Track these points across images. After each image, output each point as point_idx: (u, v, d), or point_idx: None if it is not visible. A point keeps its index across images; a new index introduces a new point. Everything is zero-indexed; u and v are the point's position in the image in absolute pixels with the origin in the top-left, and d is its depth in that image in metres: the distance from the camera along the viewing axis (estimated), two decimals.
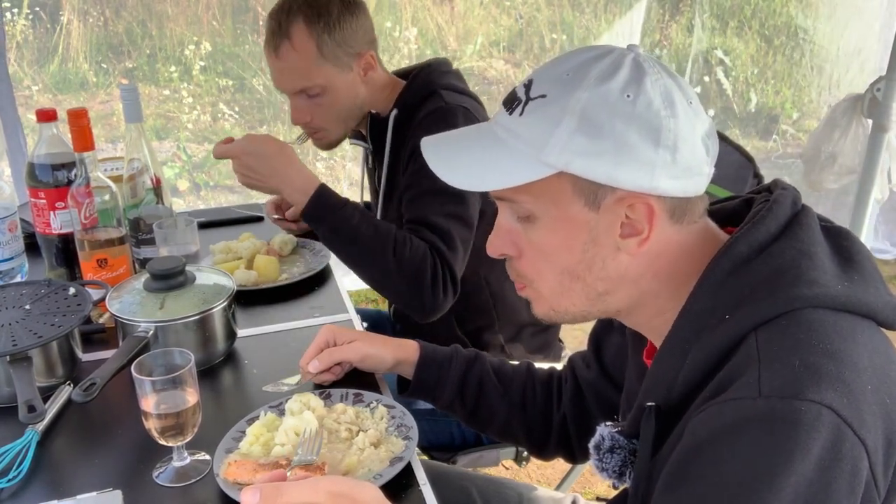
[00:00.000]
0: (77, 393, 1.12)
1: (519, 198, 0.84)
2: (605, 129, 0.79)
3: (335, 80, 1.60)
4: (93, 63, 3.07)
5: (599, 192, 0.81)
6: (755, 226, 0.81)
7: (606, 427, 0.92)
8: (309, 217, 1.52)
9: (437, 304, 1.49)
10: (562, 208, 0.83)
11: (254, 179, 1.51)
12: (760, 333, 0.75)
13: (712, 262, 0.81)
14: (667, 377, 0.81)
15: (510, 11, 3.42)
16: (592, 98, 0.79)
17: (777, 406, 0.69)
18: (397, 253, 1.46)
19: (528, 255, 0.88)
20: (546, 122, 0.80)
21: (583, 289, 0.86)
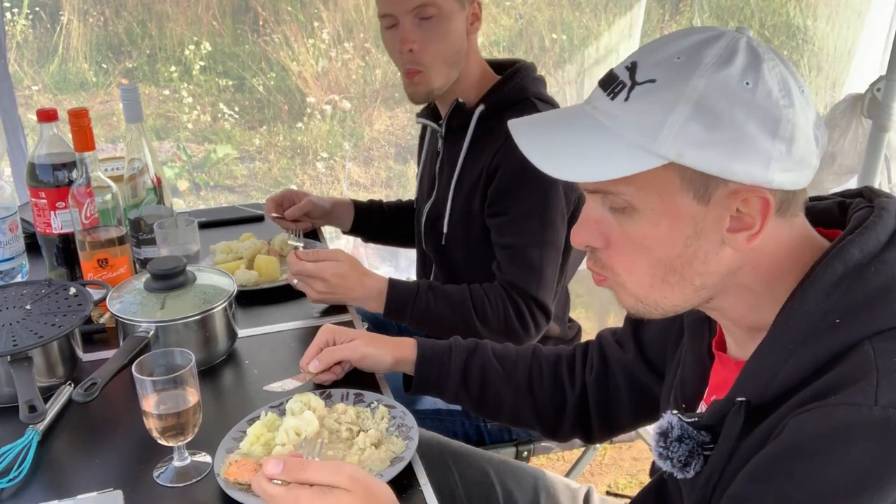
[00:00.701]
0: (78, 393, 1.12)
1: (619, 189, 0.79)
2: (724, 119, 0.74)
3: (450, 9, 1.55)
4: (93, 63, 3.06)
5: (711, 184, 0.77)
6: (867, 231, 0.79)
7: (674, 415, 0.89)
8: (391, 316, 1.55)
9: (530, 337, 1.57)
10: (667, 200, 0.78)
11: (334, 296, 1.49)
12: (876, 342, 0.74)
13: (825, 263, 0.78)
14: (765, 374, 0.79)
15: (510, 11, 3.42)
16: (710, 85, 0.74)
17: (894, 417, 0.69)
18: (480, 317, 1.53)
19: (618, 248, 0.83)
20: (657, 109, 0.75)
21: (678, 283, 0.82)
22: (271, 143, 3.36)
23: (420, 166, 1.88)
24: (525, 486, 1.34)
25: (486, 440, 1.72)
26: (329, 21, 3.20)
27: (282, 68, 3.22)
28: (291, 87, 3.26)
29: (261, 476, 0.82)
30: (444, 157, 1.72)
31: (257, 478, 0.83)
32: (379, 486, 0.84)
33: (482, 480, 1.32)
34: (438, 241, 1.72)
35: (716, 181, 0.77)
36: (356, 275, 1.50)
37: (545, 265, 1.56)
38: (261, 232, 1.82)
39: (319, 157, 3.40)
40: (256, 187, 3.35)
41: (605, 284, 0.87)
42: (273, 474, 0.81)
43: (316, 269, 1.46)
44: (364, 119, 3.39)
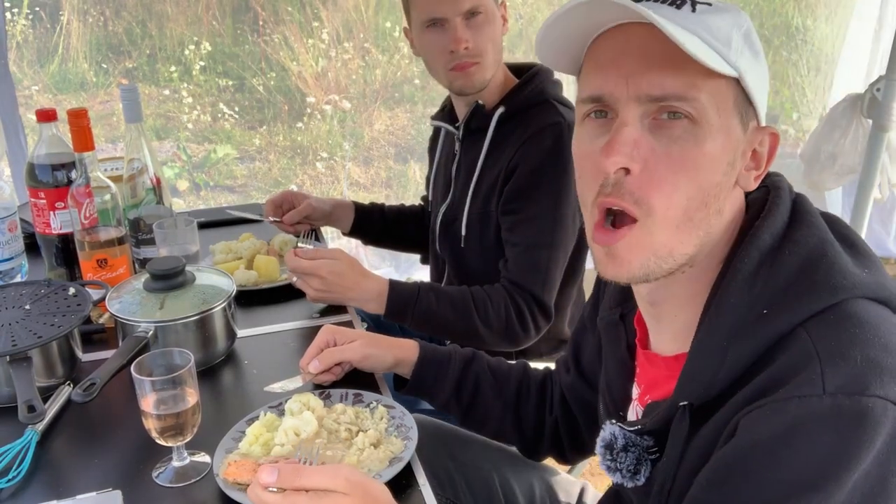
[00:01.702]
0: (77, 393, 1.12)
1: (692, 94, 0.76)
2: (760, 55, 0.80)
3: (493, 9, 1.61)
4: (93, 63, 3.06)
5: (749, 112, 0.81)
6: (771, 214, 0.81)
7: (615, 425, 0.90)
8: (392, 318, 1.54)
9: (529, 338, 1.58)
10: (723, 118, 0.78)
11: (331, 295, 1.49)
12: (811, 329, 0.74)
13: (741, 254, 0.80)
14: (704, 375, 0.79)
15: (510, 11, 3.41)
16: (750, 24, 0.80)
17: (844, 403, 0.69)
18: (482, 318, 1.53)
19: (658, 170, 0.77)
20: (724, 26, 0.77)
21: (702, 221, 0.79)
22: (271, 143, 3.36)
23: (433, 169, 1.88)
24: (521, 477, 1.34)
25: None
26: (329, 21, 3.20)
27: (282, 68, 3.22)
28: (291, 87, 3.26)
29: (256, 484, 0.82)
30: (462, 158, 1.73)
31: (253, 486, 0.82)
32: (376, 486, 0.83)
33: (480, 466, 1.32)
34: (455, 243, 1.72)
35: (751, 112, 0.81)
36: (354, 275, 1.50)
37: (552, 267, 1.57)
38: (260, 232, 1.82)
39: (319, 157, 3.40)
40: (256, 187, 3.35)
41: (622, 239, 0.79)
42: (268, 483, 0.80)
43: (312, 267, 1.46)
44: (364, 119, 3.39)
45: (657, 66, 0.76)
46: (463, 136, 1.71)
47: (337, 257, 1.49)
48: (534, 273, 1.56)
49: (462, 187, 1.70)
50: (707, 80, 0.76)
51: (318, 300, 1.52)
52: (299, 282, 1.49)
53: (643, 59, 0.76)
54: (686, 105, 0.76)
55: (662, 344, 0.92)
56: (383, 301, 1.51)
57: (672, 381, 0.85)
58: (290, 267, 1.48)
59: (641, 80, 0.76)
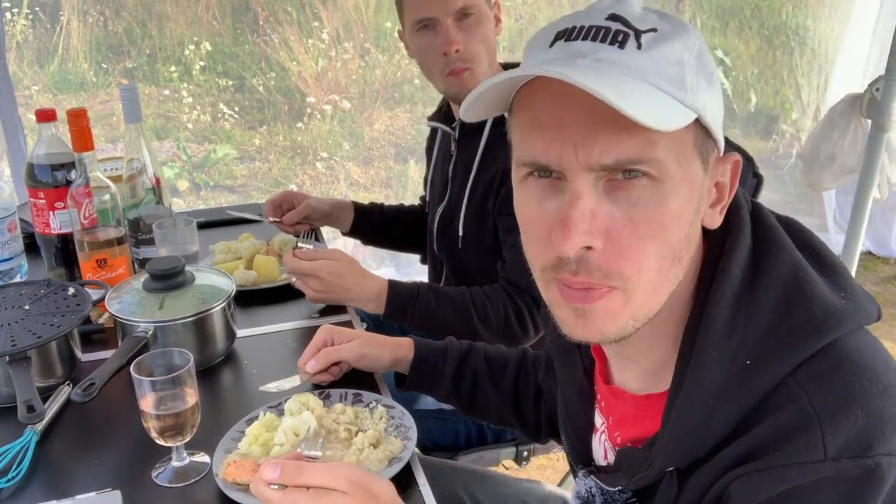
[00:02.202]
0: (76, 393, 1.12)
1: (650, 154, 0.67)
2: (714, 77, 0.71)
3: (485, 10, 1.59)
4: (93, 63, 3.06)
5: (708, 147, 0.72)
6: (736, 242, 0.75)
7: (591, 479, 0.87)
8: (392, 318, 1.54)
9: (528, 339, 1.57)
10: (684, 167, 0.70)
11: (330, 295, 1.49)
12: (805, 384, 0.69)
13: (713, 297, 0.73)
14: (692, 440, 0.73)
15: (510, 11, 3.42)
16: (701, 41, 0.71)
17: (848, 467, 0.66)
18: (481, 319, 1.53)
19: (624, 239, 0.69)
20: (674, 59, 0.68)
21: (673, 278, 0.73)
22: (271, 143, 3.36)
23: (430, 169, 1.88)
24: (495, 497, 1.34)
25: (487, 439, 1.72)
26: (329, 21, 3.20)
27: (282, 68, 3.22)
28: (291, 87, 3.27)
29: (259, 480, 0.82)
30: (458, 159, 1.73)
31: (255, 482, 0.82)
32: (378, 484, 0.82)
33: (451, 494, 1.31)
34: (453, 244, 1.72)
35: (710, 145, 0.72)
36: (354, 275, 1.50)
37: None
38: (260, 232, 1.82)
39: (319, 157, 3.40)
40: (256, 187, 3.36)
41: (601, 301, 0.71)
42: (270, 479, 0.80)
43: (311, 268, 1.46)
44: (364, 119, 3.39)
45: (606, 129, 0.66)
46: (459, 136, 1.72)
47: (336, 258, 1.49)
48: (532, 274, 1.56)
49: (459, 188, 1.70)
50: (664, 133, 0.66)
51: (318, 301, 1.52)
52: (298, 282, 1.49)
53: (589, 122, 0.67)
54: (644, 166, 0.68)
55: (627, 380, 0.86)
56: (383, 301, 1.52)
57: (644, 421, 0.82)
58: (289, 268, 1.48)
59: (592, 148, 0.67)
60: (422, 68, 1.68)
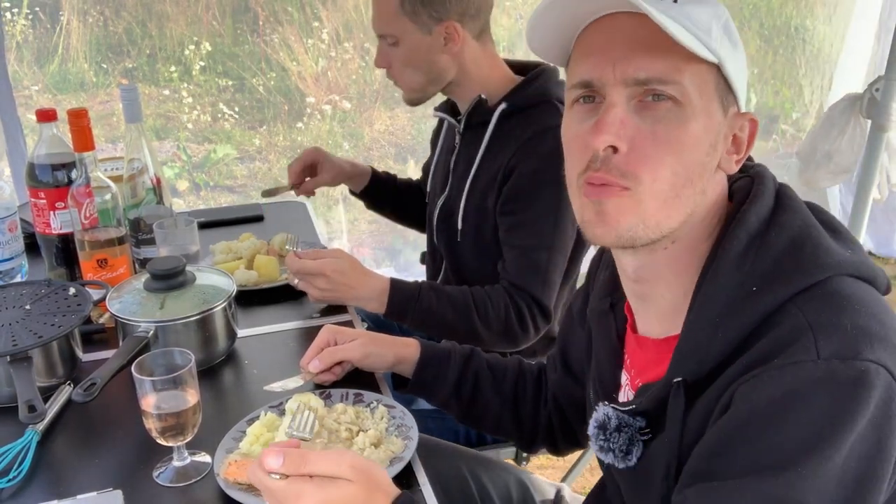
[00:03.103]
0: (77, 393, 1.12)
1: (675, 77, 0.80)
2: (739, 46, 0.84)
3: (411, 38, 1.61)
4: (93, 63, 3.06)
5: (729, 98, 0.84)
6: (757, 199, 0.84)
7: (608, 406, 0.91)
8: (393, 316, 1.55)
9: (528, 339, 1.58)
10: (705, 100, 0.82)
11: (335, 294, 1.49)
12: (802, 304, 0.77)
13: (730, 235, 0.82)
14: (697, 351, 0.81)
15: (510, 11, 3.42)
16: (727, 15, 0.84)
17: (838, 367, 0.72)
18: (482, 319, 1.54)
19: (645, 149, 0.80)
20: (704, 15, 0.81)
21: (688, 198, 0.83)
22: (271, 144, 3.36)
23: (434, 160, 1.89)
24: (496, 480, 1.35)
25: (486, 440, 1.72)
26: (329, 21, 3.20)
27: (281, 68, 3.22)
28: (291, 88, 3.26)
29: (257, 468, 0.81)
30: (461, 152, 1.73)
31: (254, 470, 0.82)
32: (379, 471, 0.85)
33: (455, 474, 1.33)
34: (452, 237, 1.72)
35: (731, 98, 0.84)
36: (357, 273, 1.50)
37: (551, 269, 1.57)
38: (260, 232, 1.82)
39: None
40: (256, 187, 3.35)
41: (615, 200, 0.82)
42: (273, 468, 0.80)
43: (317, 266, 1.46)
44: (364, 119, 3.39)
45: (642, 51, 0.79)
46: (464, 129, 1.72)
47: (339, 256, 1.50)
48: (534, 275, 1.56)
49: (460, 180, 1.70)
50: (689, 65, 0.80)
51: (322, 300, 1.52)
52: (302, 283, 1.49)
53: (630, 45, 0.80)
54: (670, 88, 0.80)
55: (650, 326, 0.94)
56: (384, 299, 1.52)
57: (662, 364, 0.86)
58: (293, 269, 1.48)
59: (628, 64, 0.80)
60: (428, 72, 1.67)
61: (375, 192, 1.99)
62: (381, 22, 1.63)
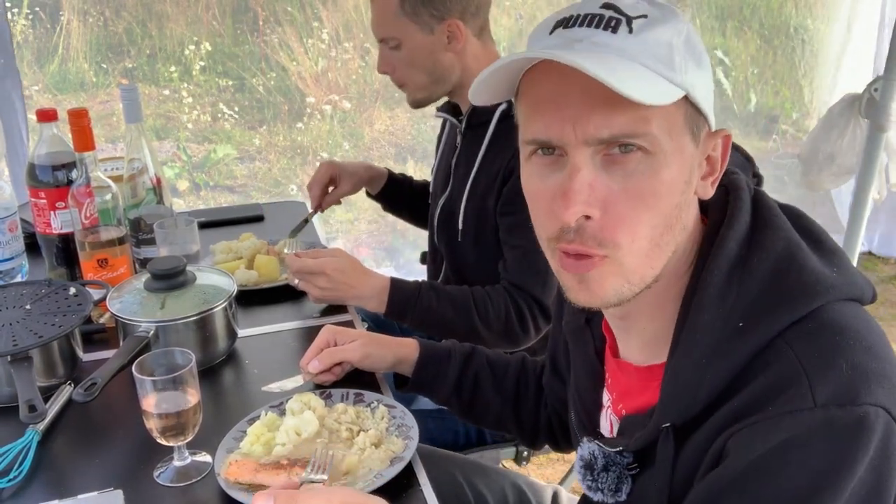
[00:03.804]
0: (78, 393, 1.12)
1: (644, 129, 0.73)
2: (703, 59, 0.77)
3: (412, 39, 1.61)
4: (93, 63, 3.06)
5: (699, 123, 0.78)
6: (733, 219, 0.79)
7: (594, 443, 0.89)
8: (393, 316, 1.54)
9: (529, 339, 1.58)
10: (675, 140, 0.75)
11: (336, 293, 1.49)
12: (792, 342, 0.73)
13: (710, 267, 0.78)
14: (686, 395, 0.77)
15: (510, 11, 3.42)
16: (690, 27, 0.77)
17: (836, 414, 0.69)
18: (482, 318, 1.53)
19: (619, 209, 0.75)
20: (663, 41, 0.74)
21: (670, 242, 0.78)
22: (271, 143, 3.36)
23: (436, 160, 1.89)
24: (492, 485, 1.35)
25: (486, 440, 1.72)
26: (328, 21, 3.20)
27: (281, 68, 3.22)
28: (291, 87, 3.27)
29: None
30: (462, 152, 1.73)
31: None
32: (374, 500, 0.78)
33: (450, 481, 1.32)
34: (452, 237, 1.72)
35: (700, 121, 0.78)
36: (357, 272, 1.50)
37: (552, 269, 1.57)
38: (260, 232, 1.82)
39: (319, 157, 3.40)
40: (256, 187, 3.35)
41: (594, 269, 0.77)
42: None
43: (317, 265, 1.46)
44: (364, 119, 3.39)
45: (602, 106, 0.72)
46: (465, 129, 1.72)
47: (339, 255, 1.50)
48: (534, 275, 1.56)
49: (461, 181, 1.70)
50: (656, 109, 0.72)
51: (322, 300, 1.52)
52: (302, 283, 1.49)
53: (587, 100, 0.73)
54: (638, 140, 0.73)
55: (631, 353, 0.90)
56: (384, 298, 1.52)
57: (646, 392, 0.84)
58: (293, 268, 1.48)
59: (588, 124, 0.73)
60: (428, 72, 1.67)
61: (392, 195, 1.99)
62: (382, 25, 1.63)
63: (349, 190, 1.90)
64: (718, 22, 3.72)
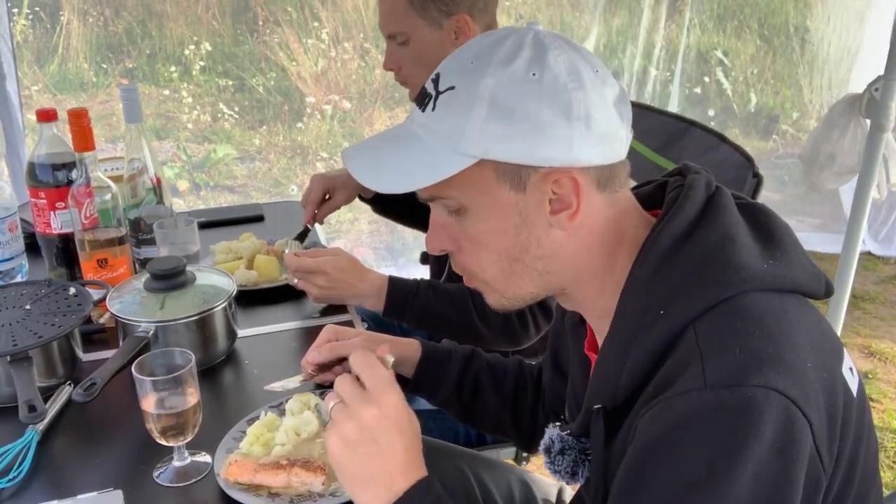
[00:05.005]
0: (77, 393, 1.12)
1: (446, 193, 0.83)
2: (517, 112, 0.78)
3: (421, 34, 1.60)
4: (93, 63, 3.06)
5: (523, 172, 0.81)
6: (674, 215, 0.82)
7: (555, 428, 0.93)
8: (391, 314, 1.54)
9: (529, 338, 1.57)
10: (489, 195, 0.82)
11: (335, 292, 1.49)
12: (698, 326, 0.76)
13: (639, 257, 0.82)
14: (610, 379, 0.81)
15: (510, 11, 3.42)
16: (499, 82, 0.79)
17: (724, 395, 0.70)
18: (480, 316, 1.53)
19: (466, 248, 0.87)
20: (458, 112, 0.80)
21: (524, 270, 0.86)
22: (271, 143, 3.36)
23: None
24: (499, 480, 1.35)
25: (486, 440, 1.72)
26: (328, 21, 3.20)
27: (281, 68, 3.22)
28: (291, 87, 3.27)
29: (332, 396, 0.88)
30: None
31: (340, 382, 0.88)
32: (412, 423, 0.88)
33: (457, 475, 1.33)
34: None
35: (527, 169, 0.81)
36: (356, 270, 1.50)
37: None
38: (260, 232, 1.82)
39: (319, 157, 3.40)
40: (256, 187, 3.36)
41: (473, 285, 0.91)
42: None
43: (316, 264, 1.46)
44: (364, 119, 3.39)
45: None
46: None
47: (338, 254, 1.50)
48: None
49: None
50: (450, 180, 0.80)
51: (322, 299, 1.52)
52: (301, 282, 1.49)
53: None
54: (448, 201, 0.84)
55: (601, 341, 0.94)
56: (383, 296, 1.52)
57: None
58: (292, 267, 1.48)
59: None
60: None
61: (387, 198, 1.98)
62: (390, 21, 1.63)
63: (344, 200, 1.86)
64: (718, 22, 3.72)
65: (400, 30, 1.61)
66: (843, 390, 0.77)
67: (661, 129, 1.86)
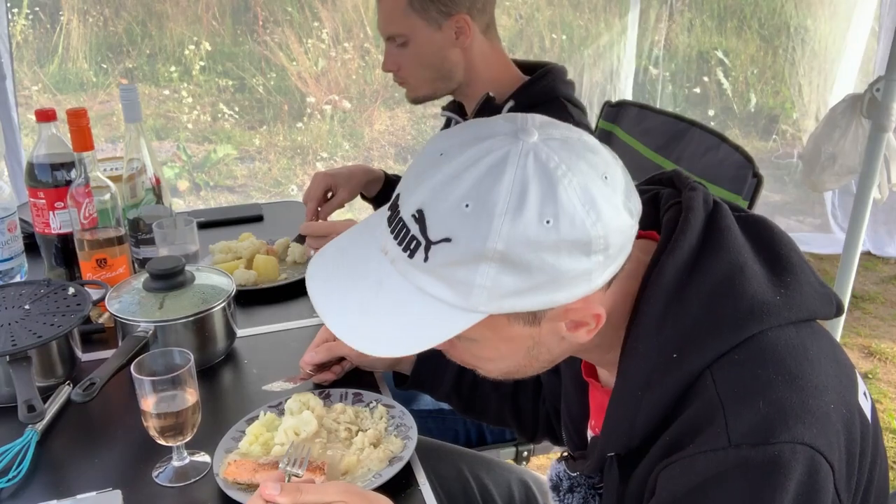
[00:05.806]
0: (76, 392, 1.12)
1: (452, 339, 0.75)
2: (534, 266, 0.69)
3: (421, 35, 1.60)
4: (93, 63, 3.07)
5: (538, 313, 0.74)
6: (676, 243, 0.76)
7: (560, 464, 0.92)
8: None
9: None
10: (499, 332, 0.75)
11: None
12: (716, 372, 0.72)
13: (647, 296, 0.76)
14: (623, 426, 0.78)
15: (510, 11, 3.42)
16: (511, 240, 0.68)
17: (750, 454, 0.68)
18: None
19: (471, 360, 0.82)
20: (462, 270, 0.69)
21: (533, 366, 0.81)
22: (271, 143, 3.36)
23: None
24: (498, 480, 1.35)
25: (486, 440, 1.72)
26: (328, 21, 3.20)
27: (281, 68, 3.23)
28: (291, 88, 3.27)
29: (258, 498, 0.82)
30: None
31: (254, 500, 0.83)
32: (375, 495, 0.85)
33: (457, 476, 1.33)
34: None
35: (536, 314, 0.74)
36: None
37: None
38: (260, 232, 1.82)
39: (319, 157, 3.40)
40: (256, 187, 3.36)
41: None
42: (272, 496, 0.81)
43: (330, 225, 1.49)
44: (364, 119, 3.40)
45: None
46: None
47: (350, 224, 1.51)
48: None
49: None
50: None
51: None
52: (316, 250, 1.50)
53: None
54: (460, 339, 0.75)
55: (602, 373, 0.92)
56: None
57: None
58: (307, 232, 1.50)
59: None
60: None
61: (388, 197, 1.97)
62: (389, 23, 1.63)
63: (347, 197, 1.87)
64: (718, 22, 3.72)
65: (400, 31, 1.61)
66: (859, 420, 0.75)
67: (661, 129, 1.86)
